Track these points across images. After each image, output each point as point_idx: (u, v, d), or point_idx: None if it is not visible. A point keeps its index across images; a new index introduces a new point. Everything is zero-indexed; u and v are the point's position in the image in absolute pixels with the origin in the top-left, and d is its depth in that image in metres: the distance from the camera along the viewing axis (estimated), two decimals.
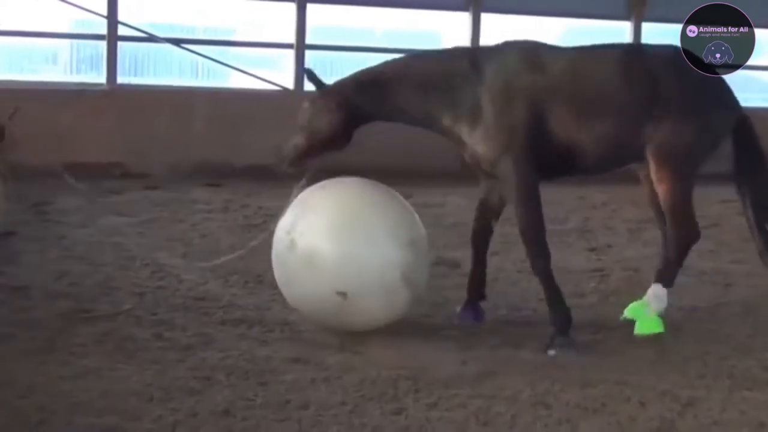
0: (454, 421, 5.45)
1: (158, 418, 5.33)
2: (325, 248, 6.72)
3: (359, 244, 6.74)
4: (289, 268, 6.92)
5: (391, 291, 6.72)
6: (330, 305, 6.67)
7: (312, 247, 6.74)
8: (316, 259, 6.71)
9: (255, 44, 16.12)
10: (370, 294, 6.68)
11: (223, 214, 11.64)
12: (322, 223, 6.85)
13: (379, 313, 6.81)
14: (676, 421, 5.55)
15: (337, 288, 6.63)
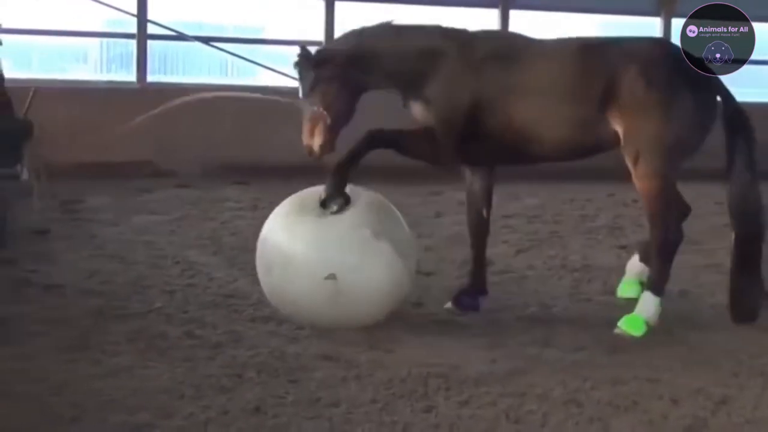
0: (484, 419, 5.43)
1: (190, 416, 5.34)
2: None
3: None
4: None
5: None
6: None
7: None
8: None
9: (284, 42, 16.11)
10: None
11: (253, 212, 11.65)
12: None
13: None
14: (709, 419, 5.52)
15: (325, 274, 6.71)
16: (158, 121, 14.21)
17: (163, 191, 12.74)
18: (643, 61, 7.10)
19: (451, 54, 7.32)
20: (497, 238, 9.54)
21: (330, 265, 6.73)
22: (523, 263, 9.40)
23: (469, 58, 7.29)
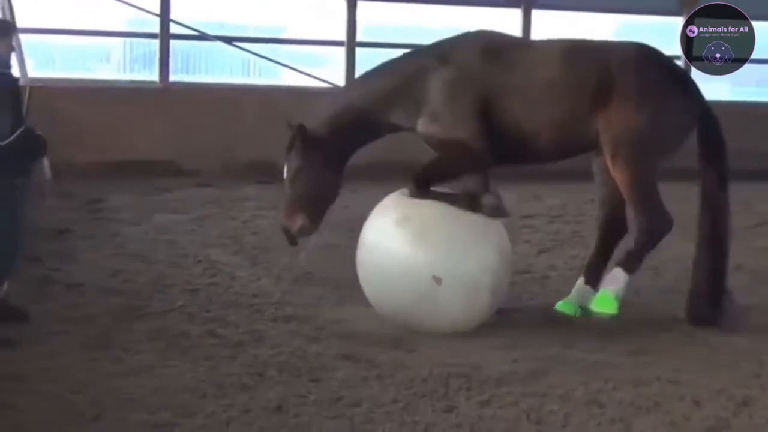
0: (505, 419, 5.44)
1: (211, 414, 5.36)
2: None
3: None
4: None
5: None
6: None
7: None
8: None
9: (306, 42, 16.14)
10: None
11: (275, 211, 11.63)
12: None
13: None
14: (731, 420, 5.52)
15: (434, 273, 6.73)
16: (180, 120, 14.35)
17: (184, 190, 12.75)
18: (627, 62, 7.36)
19: (436, 67, 7.37)
20: (519, 238, 9.51)
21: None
22: (545, 263, 9.38)
23: (458, 64, 7.36)
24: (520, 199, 12.00)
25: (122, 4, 14.17)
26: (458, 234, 6.92)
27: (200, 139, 14.40)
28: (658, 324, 7.38)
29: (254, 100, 15.02)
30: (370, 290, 7.16)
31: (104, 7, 14.43)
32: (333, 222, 10.97)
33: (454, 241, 6.89)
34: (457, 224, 6.97)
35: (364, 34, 15.65)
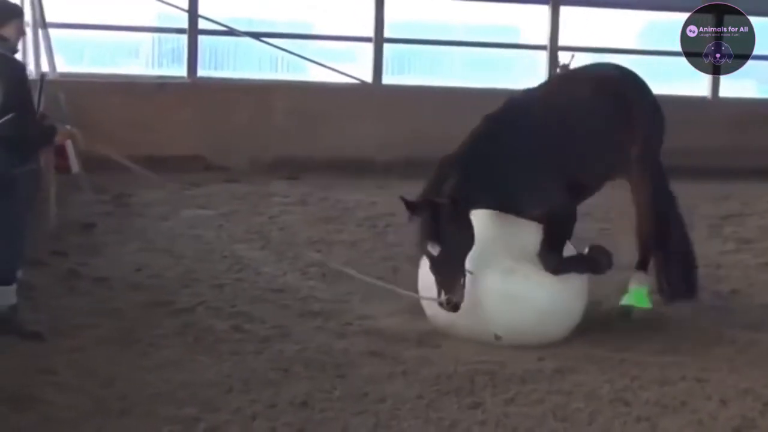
0: (531, 417, 5.43)
1: (237, 410, 5.38)
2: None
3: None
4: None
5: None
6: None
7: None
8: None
9: (333, 38, 16.13)
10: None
11: (302, 207, 11.69)
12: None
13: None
14: (758, 419, 5.50)
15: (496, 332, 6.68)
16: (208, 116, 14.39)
17: (212, 186, 12.80)
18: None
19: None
20: None
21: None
22: None
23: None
24: None
25: (151, 0, 14.22)
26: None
27: (228, 135, 14.44)
28: (684, 323, 7.36)
29: (282, 96, 15.05)
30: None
31: (133, 3, 14.49)
32: (359, 218, 11.06)
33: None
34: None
35: (391, 30, 15.65)
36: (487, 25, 16.68)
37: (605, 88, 7.54)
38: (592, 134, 7.35)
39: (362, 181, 13.51)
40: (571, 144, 7.19)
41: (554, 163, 7.04)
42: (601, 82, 7.61)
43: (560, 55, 16.23)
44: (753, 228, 11.23)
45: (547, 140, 7.07)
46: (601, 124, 7.42)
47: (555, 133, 7.15)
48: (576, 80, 7.83)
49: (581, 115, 7.37)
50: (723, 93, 16.79)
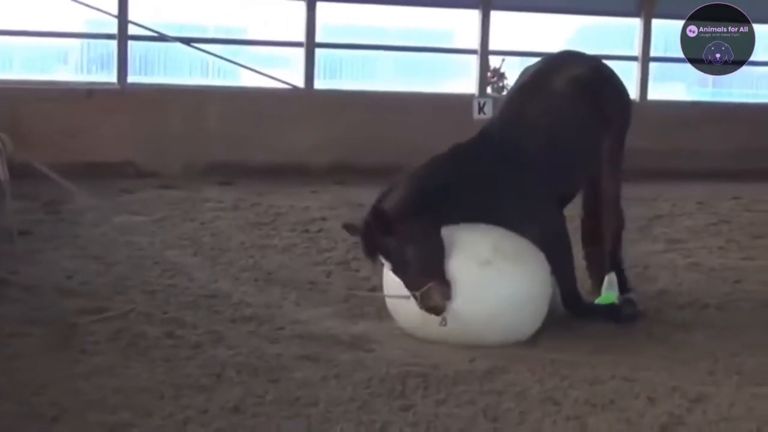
0: (462, 417, 5.47)
1: (169, 415, 5.37)
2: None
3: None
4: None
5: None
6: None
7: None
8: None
9: (265, 43, 16.15)
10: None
11: (234, 212, 11.70)
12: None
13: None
14: (685, 417, 5.57)
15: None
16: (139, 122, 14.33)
17: (145, 192, 12.76)
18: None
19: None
20: None
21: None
22: None
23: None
24: None
25: (80, 5, 14.14)
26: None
27: (161, 141, 14.42)
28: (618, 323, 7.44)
29: (215, 102, 15.06)
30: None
31: (62, 8, 14.39)
32: (292, 222, 11.09)
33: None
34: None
35: (323, 34, 15.69)
36: (419, 29, 16.78)
37: (579, 88, 7.53)
38: (571, 141, 7.41)
39: (295, 186, 13.55)
40: (554, 156, 7.25)
41: (539, 179, 7.12)
42: (575, 82, 7.56)
43: (491, 59, 16.40)
44: (681, 228, 11.43)
45: (530, 158, 7.13)
46: (579, 128, 7.47)
47: (537, 148, 7.19)
48: (550, 84, 7.60)
49: (560, 124, 7.40)
50: (652, 96, 17.08)
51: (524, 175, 7.04)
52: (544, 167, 7.14)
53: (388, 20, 16.50)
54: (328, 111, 15.32)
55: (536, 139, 7.22)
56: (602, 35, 17.54)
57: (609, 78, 7.96)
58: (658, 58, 17.34)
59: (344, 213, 11.73)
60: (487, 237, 6.83)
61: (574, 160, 7.45)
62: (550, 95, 7.49)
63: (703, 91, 18.45)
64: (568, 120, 7.44)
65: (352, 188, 13.65)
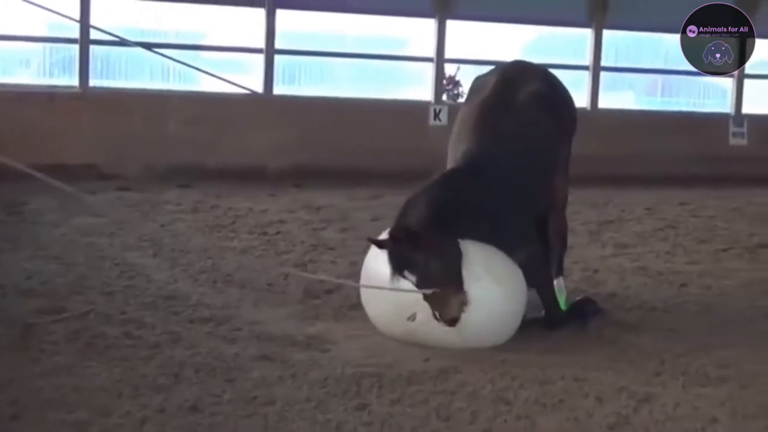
0: (416, 417, 5.56)
1: (127, 414, 5.42)
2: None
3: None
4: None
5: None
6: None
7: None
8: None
9: (224, 48, 16.18)
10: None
11: (193, 214, 11.76)
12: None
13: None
14: (632, 416, 5.68)
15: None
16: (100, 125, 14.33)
17: (105, 194, 12.77)
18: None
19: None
20: None
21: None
22: None
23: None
24: None
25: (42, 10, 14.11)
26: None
27: (121, 144, 14.47)
28: (566, 325, 7.53)
29: (175, 106, 15.11)
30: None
31: (24, 13, 14.37)
32: (250, 225, 11.17)
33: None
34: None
35: (282, 41, 15.77)
36: (376, 37, 16.90)
37: (542, 101, 7.63)
38: (542, 154, 7.52)
39: (254, 189, 13.61)
40: (532, 173, 7.35)
41: (523, 199, 7.23)
42: (537, 95, 7.65)
43: (446, 67, 16.55)
44: (630, 233, 11.60)
45: (514, 178, 7.17)
46: (546, 141, 7.59)
47: (518, 167, 7.23)
48: (515, 99, 7.61)
49: (532, 140, 7.46)
50: (603, 104, 17.30)
51: (511, 196, 7.10)
52: (525, 185, 7.24)
53: (346, 28, 16.60)
54: (287, 116, 15.41)
55: (516, 157, 7.25)
56: (555, 45, 17.73)
57: (560, 87, 8.11)
58: (608, 68, 17.59)
59: (302, 216, 11.87)
60: (478, 255, 6.92)
61: (546, 174, 7.58)
62: (518, 111, 7.54)
63: (651, 99, 18.71)
64: (538, 134, 7.52)
65: (310, 192, 13.75)
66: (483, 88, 7.81)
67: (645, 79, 18.63)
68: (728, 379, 6.37)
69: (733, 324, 7.82)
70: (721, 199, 14.57)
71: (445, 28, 16.40)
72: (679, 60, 18.14)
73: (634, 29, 17.62)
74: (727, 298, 8.68)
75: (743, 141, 18.02)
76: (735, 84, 18.26)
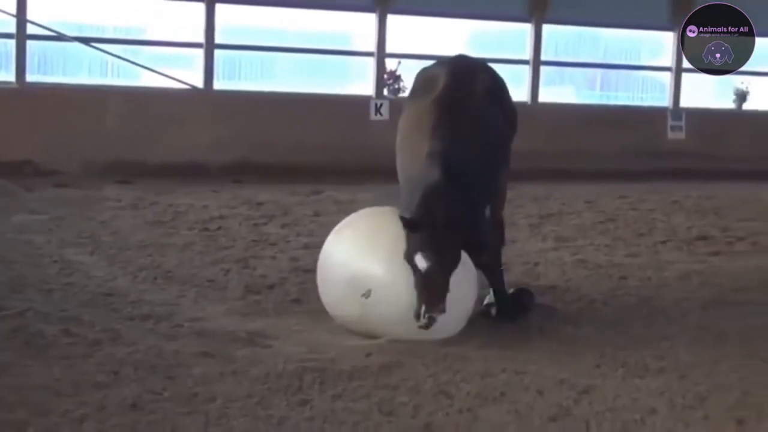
0: (358, 411, 5.56)
1: (66, 413, 5.36)
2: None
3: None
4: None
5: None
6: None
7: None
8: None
9: (164, 43, 16.11)
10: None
11: (133, 211, 11.69)
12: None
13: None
14: (572, 408, 5.72)
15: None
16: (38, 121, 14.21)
17: (44, 190, 12.67)
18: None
19: None
20: None
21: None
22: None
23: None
24: (376, 198, 12.19)
25: None
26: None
27: (60, 140, 14.36)
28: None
29: (115, 101, 15.02)
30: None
31: None
32: (191, 221, 11.12)
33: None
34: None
35: (223, 36, 15.71)
36: (317, 31, 16.88)
37: (493, 97, 7.68)
38: (499, 152, 7.57)
39: (194, 185, 13.57)
40: (492, 171, 7.41)
41: (486, 197, 7.31)
42: (489, 92, 7.66)
43: (387, 62, 16.58)
44: (570, 227, 11.70)
45: (479, 177, 7.16)
46: (500, 138, 7.62)
47: (481, 166, 7.21)
48: (471, 98, 7.52)
49: (490, 137, 7.44)
50: (543, 99, 17.42)
51: (475, 195, 7.09)
52: (485, 182, 7.28)
53: (287, 22, 16.57)
54: (227, 111, 15.37)
55: (478, 156, 7.19)
56: (495, 39, 17.82)
57: (503, 82, 8.10)
58: (548, 62, 17.73)
59: (243, 212, 11.83)
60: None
61: (500, 169, 7.61)
62: (475, 110, 7.47)
63: (591, 93, 18.88)
64: (494, 132, 7.52)
65: (251, 187, 13.72)
66: (430, 83, 7.63)
67: (584, 74, 18.79)
68: (666, 371, 6.43)
69: (671, 316, 7.91)
70: (660, 193, 14.76)
71: (385, 22, 16.45)
72: (617, 54, 18.46)
73: (573, 24, 17.77)
74: (665, 290, 8.78)
75: (681, 135, 18.23)
76: (673, 78, 18.47)
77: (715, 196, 14.83)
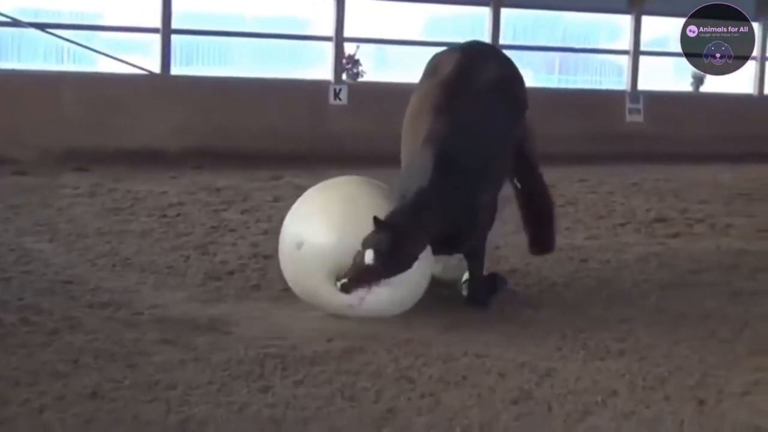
0: (320, 397, 5.55)
1: (25, 402, 5.32)
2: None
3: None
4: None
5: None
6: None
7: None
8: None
9: (120, 29, 16.00)
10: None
11: (91, 198, 11.61)
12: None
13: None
14: (534, 391, 5.75)
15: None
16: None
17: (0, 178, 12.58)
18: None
19: None
20: None
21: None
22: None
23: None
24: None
25: None
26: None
27: (15, 127, 14.25)
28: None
29: (71, 87, 14.90)
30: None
31: None
32: (150, 207, 11.06)
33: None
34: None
35: (179, 21, 15.63)
36: (275, 16, 16.83)
37: (503, 92, 7.71)
38: (503, 147, 7.58)
39: (153, 171, 13.49)
40: (494, 164, 7.41)
41: (490, 190, 7.40)
42: (499, 86, 7.67)
43: (346, 47, 16.55)
44: None
45: (487, 172, 7.29)
46: (502, 126, 7.59)
47: (490, 159, 7.32)
48: (479, 91, 7.55)
49: (494, 133, 7.46)
50: None
51: (473, 181, 7.17)
52: (485, 170, 7.30)
53: (245, 7, 16.51)
54: (185, 97, 15.29)
55: (477, 142, 7.25)
56: (454, 24, 17.82)
57: (516, 71, 8.23)
58: (507, 46, 17.68)
59: (202, 198, 11.78)
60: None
61: (502, 158, 7.63)
62: (478, 95, 7.50)
63: (549, 77, 18.93)
64: (496, 119, 7.53)
65: (210, 173, 13.67)
66: (439, 67, 7.72)
67: (543, 57, 18.83)
68: (626, 352, 6.48)
69: (631, 298, 7.97)
70: (618, 175, 14.83)
71: (344, 6, 16.40)
72: (576, 38, 18.51)
73: (532, 7, 17.80)
74: (625, 272, 8.85)
75: (639, 117, 18.33)
76: (631, 61, 18.56)
77: (673, 178, 14.93)
